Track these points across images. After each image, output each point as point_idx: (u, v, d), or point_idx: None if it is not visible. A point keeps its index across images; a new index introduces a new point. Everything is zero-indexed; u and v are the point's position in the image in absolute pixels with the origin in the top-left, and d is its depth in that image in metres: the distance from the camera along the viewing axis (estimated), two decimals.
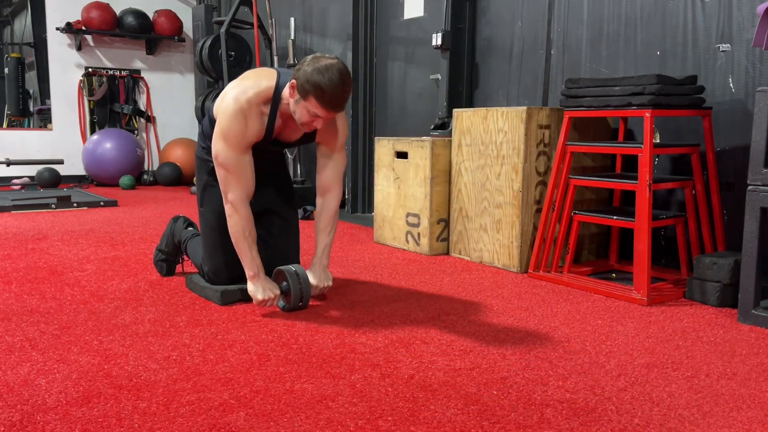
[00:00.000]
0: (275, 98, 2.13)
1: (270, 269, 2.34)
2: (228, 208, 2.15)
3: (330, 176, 2.34)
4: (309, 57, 2.05)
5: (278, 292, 2.22)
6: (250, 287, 2.18)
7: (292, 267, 2.26)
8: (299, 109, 2.05)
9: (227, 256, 2.34)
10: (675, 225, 2.71)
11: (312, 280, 2.32)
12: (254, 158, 2.20)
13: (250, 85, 2.12)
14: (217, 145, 2.10)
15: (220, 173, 2.13)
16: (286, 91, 2.10)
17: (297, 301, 2.22)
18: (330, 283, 2.37)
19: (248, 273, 2.19)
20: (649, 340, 2.01)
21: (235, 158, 2.10)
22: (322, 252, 2.35)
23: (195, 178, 2.49)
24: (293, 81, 2.03)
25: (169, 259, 2.73)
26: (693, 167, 2.67)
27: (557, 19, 3.42)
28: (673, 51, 2.89)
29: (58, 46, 6.77)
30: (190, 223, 2.71)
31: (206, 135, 2.33)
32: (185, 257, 2.69)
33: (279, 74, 2.17)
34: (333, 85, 1.96)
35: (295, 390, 1.59)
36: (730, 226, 2.68)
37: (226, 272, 2.36)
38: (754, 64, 2.60)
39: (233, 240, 2.17)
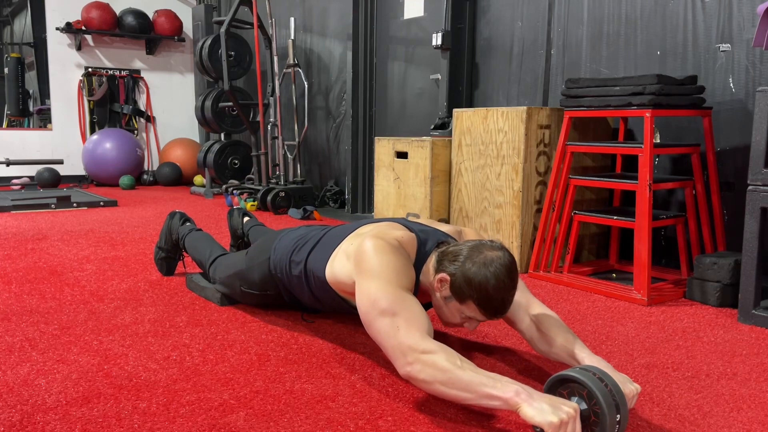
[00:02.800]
0: (418, 259, 1.67)
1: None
2: (412, 366, 1.40)
3: (521, 299, 1.71)
4: (466, 246, 1.58)
5: (577, 407, 1.27)
6: (531, 412, 1.26)
7: (585, 368, 1.34)
8: (450, 308, 1.59)
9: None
10: (675, 225, 2.71)
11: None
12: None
13: (386, 230, 1.67)
14: (373, 289, 1.52)
15: (383, 324, 1.48)
16: (429, 272, 1.65)
17: (613, 426, 1.27)
18: (639, 388, 1.46)
19: (512, 399, 1.28)
20: (649, 340, 2.01)
21: (402, 295, 1.50)
22: (583, 349, 1.58)
23: (249, 258, 2.17)
24: (445, 275, 1.56)
25: (169, 256, 2.73)
26: (693, 167, 2.67)
27: (557, 19, 3.42)
28: (673, 51, 2.89)
29: (58, 46, 6.76)
30: (187, 218, 2.71)
31: (284, 266, 1.97)
32: (185, 254, 2.69)
33: (417, 235, 1.70)
34: (501, 288, 1.50)
35: (295, 390, 1.59)
36: (730, 226, 2.68)
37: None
38: (754, 64, 2.60)
39: (450, 388, 1.35)
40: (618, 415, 1.26)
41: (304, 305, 2.08)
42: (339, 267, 1.73)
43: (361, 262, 1.59)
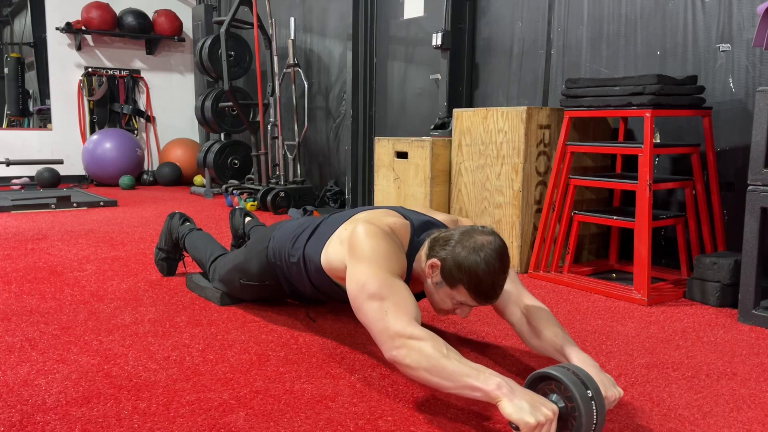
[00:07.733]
0: (411, 247, 1.68)
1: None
2: (398, 350, 1.41)
3: (512, 290, 1.71)
4: (457, 231, 1.57)
5: (556, 409, 1.27)
6: (510, 409, 1.25)
7: (567, 367, 1.32)
8: (441, 294, 1.59)
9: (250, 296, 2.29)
10: (675, 225, 2.71)
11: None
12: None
13: (380, 217, 1.70)
14: (362, 273, 1.54)
15: (371, 308, 1.49)
16: (422, 259, 1.64)
17: (589, 429, 1.27)
18: (622, 392, 1.43)
19: (493, 392, 1.28)
20: (649, 340, 2.01)
21: (391, 280, 1.52)
22: (571, 345, 1.55)
23: (248, 249, 2.19)
24: (436, 260, 1.55)
25: (169, 257, 2.73)
26: (693, 167, 2.67)
27: (557, 19, 3.42)
28: (673, 51, 2.89)
29: (58, 46, 6.76)
30: (187, 218, 2.71)
31: (286, 255, 1.96)
32: (185, 254, 2.69)
33: (411, 222, 1.72)
34: (491, 272, 1.49)
35: (295, 390, 1.59)
36: (730, 226, 2.68)
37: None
38: (754, 64, 2.60)
39: (433, 375, 1.36)
40: (595, 420, 1.26)
41: (302, 295, 2.08)
42: (333, 252, 1.75)
43: (353, 247, 1.61)
